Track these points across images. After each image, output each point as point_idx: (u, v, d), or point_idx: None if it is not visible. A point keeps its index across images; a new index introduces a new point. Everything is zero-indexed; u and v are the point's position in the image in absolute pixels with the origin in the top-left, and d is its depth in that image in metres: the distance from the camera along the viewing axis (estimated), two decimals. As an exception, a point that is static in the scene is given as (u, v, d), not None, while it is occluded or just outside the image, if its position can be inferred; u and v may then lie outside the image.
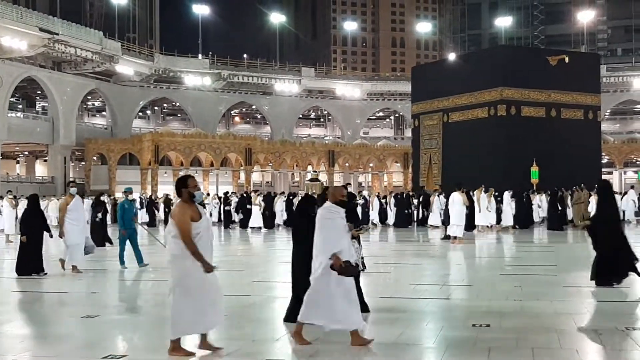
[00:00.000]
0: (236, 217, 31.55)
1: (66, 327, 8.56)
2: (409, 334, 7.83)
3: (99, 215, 20.95)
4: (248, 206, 30.19)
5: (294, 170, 65.67)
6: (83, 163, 60.58)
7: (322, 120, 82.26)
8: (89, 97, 65.64)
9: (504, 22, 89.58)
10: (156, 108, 74.54)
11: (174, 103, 71.94)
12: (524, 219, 27.75)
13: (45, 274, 13.65)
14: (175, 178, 56.50)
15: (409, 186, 51.01)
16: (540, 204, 29.97)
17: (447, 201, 22.00)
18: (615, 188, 49.78)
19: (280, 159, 62.03)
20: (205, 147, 57.20)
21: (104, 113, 69.61)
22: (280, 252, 18.72)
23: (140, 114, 70.60)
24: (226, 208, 32.33)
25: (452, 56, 53.54)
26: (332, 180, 62.34)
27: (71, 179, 51.68)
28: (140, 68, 62.64)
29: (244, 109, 77.68)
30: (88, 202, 34.08)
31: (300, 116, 76.36)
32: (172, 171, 58.04)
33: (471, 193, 24.39)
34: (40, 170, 64.64)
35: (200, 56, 70.21)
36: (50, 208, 37.15)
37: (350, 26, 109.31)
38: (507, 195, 27.18)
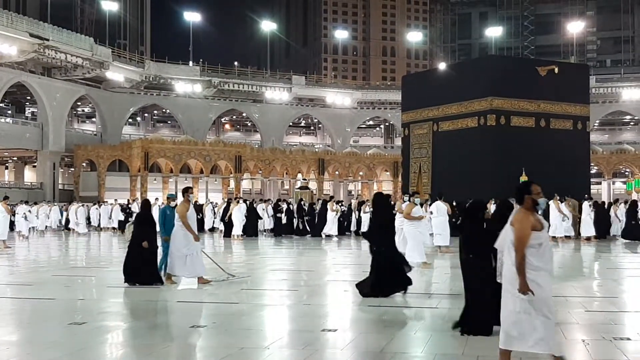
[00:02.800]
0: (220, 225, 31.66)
1: (54, 335, 8.51)
2: (396, 343, 7.83)
3: None
4: (278, 215, 31.09)
5: (283, 178, 65.65)
6: (72, 169, 60.33)
7: (312, 128, 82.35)
8: (79, 103, 65.46)
9: (494, 32, 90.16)
10: (146, 115, 74.43)
11: (164, 110, 71.84)
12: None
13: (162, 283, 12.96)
14: (164, 185, 56.59)
15: (398, 195, 51.01)
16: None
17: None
18: (604, 198, 50.06)
19: (270, 167, 62.01)
20: (195, 154, 57.10)
21: (93, 119, 69.43)
22: (281, 259, 18.69)
23: (130, 120, 70.48)
24: (278, 215, 31.61)
25: (442, 65, 53.70)
26: (321, 189, 62.33)
27: (189, 186, 51.95)
28: (130, 74, 62.55)
29: (234, 117, 77.66)
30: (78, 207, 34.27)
31: (291, 124, 76.40)
32: (162, 178, 57.91)
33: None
34: (29, 176, 64.35)
35: (191, 63, 70.20)
36: (40, 213, 37.20)
37: (341, 35, 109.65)
38: (586, 204, 27.31)
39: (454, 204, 24.62)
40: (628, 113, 74.27)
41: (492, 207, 25.32)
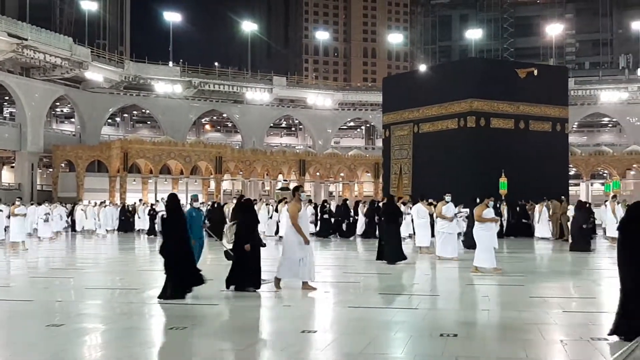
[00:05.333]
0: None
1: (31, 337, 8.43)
2: (377, 344, 7.84)
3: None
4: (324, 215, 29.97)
5: (264, 179, 65.54)
6: (51, 170, 59.83)
7: (293, 129, 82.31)
8: (58, 104, 64.92)
9: (474, 34, 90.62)
10: (126, 115, 73.98)
11: (143, 110, 71.45)
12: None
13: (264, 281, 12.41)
14: (144, 186, 56.32)
15: (379, 196, 51.11)
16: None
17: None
18: (582, 199, 50.41)
19: (250, 168, 61.88)
20: (175, 155, 56.84)
21: (72, 119, 68.90)
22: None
23: (109, 121, 69.99)
24: (324, 217, 30.41)
25: (422, 67, 53.94)
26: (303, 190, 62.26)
27: (299, 185, 51.14)
28: (110, 75, 62.15)
29: (214, 117, 77.43)
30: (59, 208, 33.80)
31: (272, 125, 76.29)
32: (141, 179, 57.60)
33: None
34: (7, 176, 63.69)
35: (171, 64, 69.87)
36: (54, 214, 36.16)
37: (322, 36, 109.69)
38: (616, 206, 27.20)
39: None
40: (606, 115, 74.97)
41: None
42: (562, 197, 30.67)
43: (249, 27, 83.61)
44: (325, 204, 32.07)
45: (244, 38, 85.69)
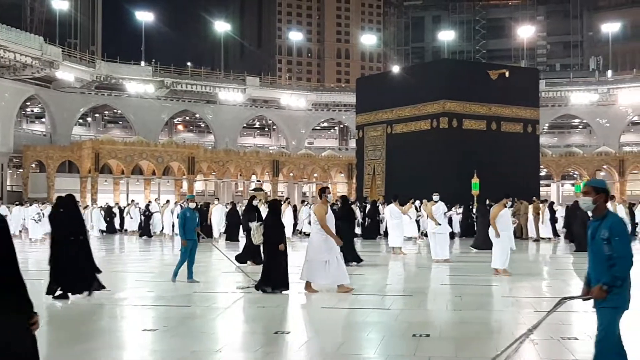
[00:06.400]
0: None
1: None
2: (350, 344, 7.84)
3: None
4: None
5: (237, 180, 65.34)
6: (21, 170, 59.04)
7: (266, 129, 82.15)
8: (28, 103, 64.12)
9: (446, 36, 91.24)
10: (97, 115, 73.30)
11: (115, 110, 70.85)
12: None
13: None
14: (115, 187, 55.83)
15: (352, 196, 51.22)
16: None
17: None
18: (553, 199, 50.96)
19: (223, 168, 61.63)
20: (147, 155, 56.43)
21: (43, 119, 68.08)
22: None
23: (80, 121, 69.32)
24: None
25: (396, 68, 54.14)
26: (275, 190, 62.21)
27: (326, 186, 50.19)
28: (81, 74, 61.55)
29: (187, 118, 77.01)
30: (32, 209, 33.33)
31: (245, 125, 76.10)
32: (113, 179, 57.11)
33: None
34: (-24, 177, 62.83)
35: (143, 63, 69.36)
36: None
37: (295, 36, 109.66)
38: None
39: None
40: (576, 117, 75.85)
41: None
42: (534, 197, 30.96)
43: (221, 27, 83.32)
44: (369, 203, 31.71)
45: (217, 38, 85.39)
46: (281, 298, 11.55)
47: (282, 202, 25.78)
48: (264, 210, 18.34)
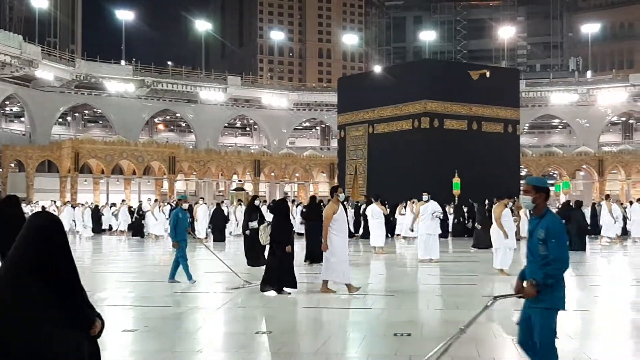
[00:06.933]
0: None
1: None
2: (331, 344, 7.84)
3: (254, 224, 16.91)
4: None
5: (218, 180, 65.12)
6: (0, 170, 58.62)
7: (248, 129, 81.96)
8: (7, 102, 63.51)
9: (428, 36, 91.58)
10: (77, 114, 72.74)
11: (95, 110, 70.35)
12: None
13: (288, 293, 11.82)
14: (95, 186, 55.42)
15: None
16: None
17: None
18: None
19: (204, 168, 61.40)
20: (128, 155, 56.07)
21: (22, 119, 67.42)
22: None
23: (60, 120, 68.77)
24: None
25: (377, 68, 54.23)
26: (257, 190, 62.09)
27: (337, 185, 49.60)
28: (60, 73, 61.08)
29: (168, 117, 76.63)
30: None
31: (226, 125, 75.90)
32: (93, 179, 56.69)
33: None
34: (-46, 177, 62.16)
35: (123, 62, 68.96)
36: None
37: (277, 36, 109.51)
38: (637, 206, 27.23)
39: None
40: (556, 117, 76.42)
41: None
42: (515, 197, 31.09)
43: (202, 26, 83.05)
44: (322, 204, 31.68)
45: (198, 37, 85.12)
46: (263, 299, 11.52)
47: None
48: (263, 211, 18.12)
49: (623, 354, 7.61)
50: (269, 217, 19.46)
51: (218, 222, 27.88)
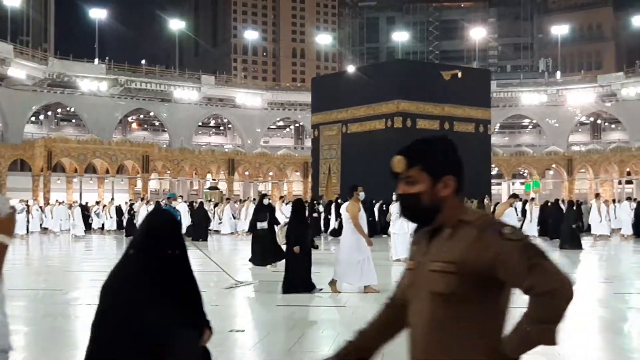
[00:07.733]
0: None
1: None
2: (304, 342, 7.98)
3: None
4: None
5: (192, 179, 64.91)
6: (-30, 169, 57.92)
7: (222, 128, 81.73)
8: (-22, 101, 62.87)
9: (400, 36, 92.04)
10: (49, 113, 72.03)
11: (68, 108, 69.73)
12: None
13: (320, 289, 11.80)
14: (68, 185, 54.99)
15: (308, 195, 51.39)
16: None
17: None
18: (504, 199, 51.91)
19: (178, 167, 61.15)
20: (101, 153, 55.68)
21: (-7, 117, 66.77)
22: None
23: (32, 119, 68.07)
24: (313, 215, 28.12)
25: (351, 68, 54.44)
26: (231, 189, 62.00)
27: (356, 184, 48.70)
28: (33, 72, 60.47)
29: (141, 116, 76.18)
30: None
31: (200, 124, 75.64)
32: (66, 178, 56.25)
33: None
34: None
35: (96, 61, 68.43)
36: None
37: (250, 35, 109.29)
38: (626, 204, 27.81)
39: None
40: (527, 117, 77.21)
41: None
42: (486, 196, 31.51)
43: (176, 25, 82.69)
44: (315, 202, 31.58)
45: (172, 36, 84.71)
46: (235, 297, 11.65)
47: (280, 200, 25.89)
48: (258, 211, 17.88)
49: (591, 348, 7.87)
50: (279, 215, 19.38)
51: (199, 222, 27.48)
